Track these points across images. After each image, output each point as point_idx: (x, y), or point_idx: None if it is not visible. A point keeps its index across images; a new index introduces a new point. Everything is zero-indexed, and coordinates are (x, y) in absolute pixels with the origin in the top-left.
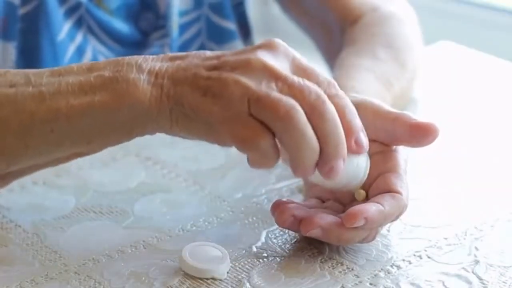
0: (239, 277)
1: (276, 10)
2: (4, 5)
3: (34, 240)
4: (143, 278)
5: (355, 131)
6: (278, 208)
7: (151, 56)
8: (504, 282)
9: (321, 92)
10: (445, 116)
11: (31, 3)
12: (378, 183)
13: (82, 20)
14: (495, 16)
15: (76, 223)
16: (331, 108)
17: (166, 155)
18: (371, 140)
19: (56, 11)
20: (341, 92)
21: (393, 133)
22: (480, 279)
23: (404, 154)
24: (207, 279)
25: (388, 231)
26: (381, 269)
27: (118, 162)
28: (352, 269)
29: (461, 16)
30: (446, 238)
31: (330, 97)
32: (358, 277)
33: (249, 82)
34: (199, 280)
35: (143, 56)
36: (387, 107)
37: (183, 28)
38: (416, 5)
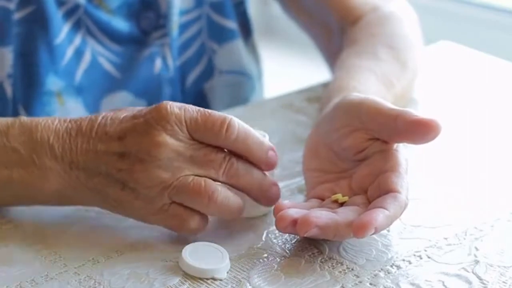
0: (239, 277)
1: (276, 10)
2: None
3: (34, 240)
4: (143, 278)
5: (263, 160)
6: (279, 213)
7: (59, 129)
8: (504, 282)
9: (226, 160)
10: (445, 116)
11: (28, 7)
12: (379, 182)
13: (81, 22)
14: (495, 16)
15: (76, 223)
16: (241, 165)
17: None
18: (372, 139)
19: (55, 14)
20: (242, 129)
21: (395, 130)
22: (480, 279)
23: (405, 153)
24: (207, 279)
25: (388, 231)
26: (381, 269)
27: None
28: (352, 269)
29: (461, 16)
30: (446, 238)
31: (229, 141)
32: (358, 277)
33: (161, 172)
34: (199, 280)
35: (53, 128)
36: (389, 104)
37: (184, 27)
38: (416, 5)
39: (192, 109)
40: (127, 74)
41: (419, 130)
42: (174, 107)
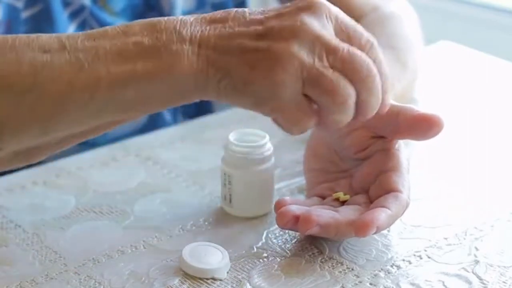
0: (239, 277)
1: None
2: (7, 9)
3: (34, 240)
4: (143, 278)
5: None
6: (279, 209)
7: (187, 18)
8: (504, 282)
9: (371, 66)
10: (445, 116)
11: (35, 6)
12: (380, 182)
13: (86, 23)
14: (495, 16)
15: (76, 223)
16: (377, 81)
17: (166, 155)
18: (373, 138)
19: (60, 14)
20: (380, 56)
21: (397, 127)
22: (480, 279)
23: (406, 153)
24: (207, 279)
25: (388, 231)
26: (381, 269)
27: (118, 162)
28: (352, 269)
29: (461, 16)
30: (446, 238)
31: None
32: (358, 277)
33: (302, 54)
34: (199, 280)
35: (179, 18)
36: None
37: None
38: (416, 5)
39: (344, 14)
40: None
41: (422, 126)
42: (328, 3)
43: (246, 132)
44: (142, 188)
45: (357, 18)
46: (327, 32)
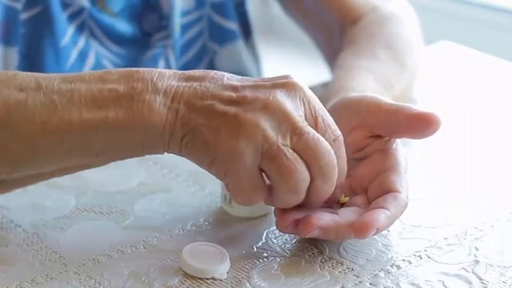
0: (239, 277)
1: (276, 10)
2: (5, 10)
3: (34, 240)
4: (143, 278)
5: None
6: (279, 213)
7: (165, 72)
8: (504, 282)
9: (332, 156)
10: (445, 116)
11: (34, 8)
12: (378, 182)
13: (85, 25)
14: (495, 16)
15: (76, 223)
16: (334, 172)
17: (166, 155)
18: (371, 137)
19: (60, 16)
20: (343, 151)
21: (395, 125)
22: (480, 279)
23: (404, 153)
24: (207, 279)
25: (388, 231)
26: (381, 269)
27: (118, 162)
28: (352, 269)
29: (461, 16)
30: (446, 238)
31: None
32: (358, 277)
33: (267, 128)
34: (199, 280)
35: (157, 71)
36: (389, 100)
37: (185, 28)
38: (416, 5)
39: (318, 101)
40: None
41: (420, 124)
42: (306, 86)
43: None
44: (142, 188)
45: (356, 18)
46: (297, 113)
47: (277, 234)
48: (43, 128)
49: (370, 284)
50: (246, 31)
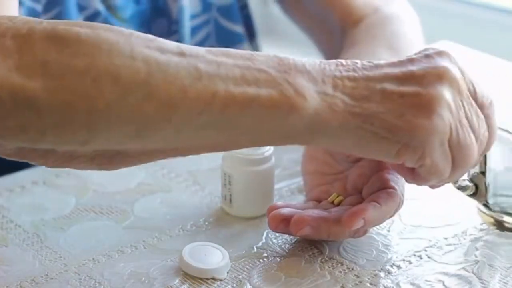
0: (239, 277)
1: (276, 10)
2: (28, 12)
3: (34, 240)
4: (143, 278)
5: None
6: (270, 213)
7: (315, 61)
8: (504, 282)
9: (497, 132)
10: None
11: (53, 10)
12: (373, 181)
13: None
14: (495, 16)
15: (76, 223)
16: (490, 145)
17: None
18: None
19: (76, 19)
20: (495, 117)
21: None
22: (480, 279)
23: None
24: (207, 279)
25: (388, 231)
26: (381, 269)
27: None
28: (352, 269)
29: (461, 16)
30: (446, 238)
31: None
32: (358, 277)
33: (450, 100)
34: (199, 280)
35: (305, 59)
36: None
37: (193, 31)
38: (416, 5)
39: (468, 71)
40: None
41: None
42: (454, 56)
43: None
44: (142, 188)
45: (358, 19)
46: (463, 80)
47: (277, 234)
48: (183, 93)
49: (370, 284)
50: (251, 33)
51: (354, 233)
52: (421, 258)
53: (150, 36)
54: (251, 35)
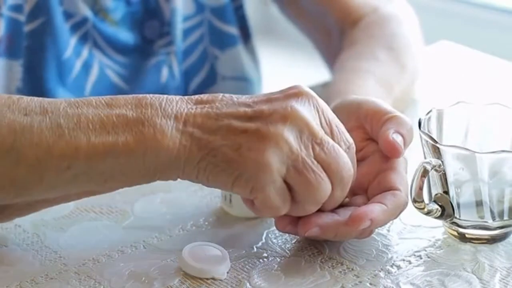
0: (239, 277)
1: (275, 10)
2: (9, 22)
3: (34, 240)
4: (143, 278)
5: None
6: None
7: (173, 98)
8: (504, 282)
9: (351, 167)
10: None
11: (37, 20)
12: (378, 181)
13: (88, 35)
14: (495, 16)
15: (76, 223)
16: (351, 181)
17: None
18: (368, 139)
19: (62, 27)
20: (355, 159)
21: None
22: (480, 279)
23: (404, 153)
24: (207, 279)
25: (388, 231)
26: (381, 269)
27: None
28: (352, 269)
29: (461, 16)
30: (446, 238)
31: None
32: (358, 277)
33: (291, 140)
34: (199, 280)
35: (165, 96)
36: (389, 107)
37: (186, 33)
38: (416, 5)
39: (329, 109)
40: (134, 85)
41: (386, 151)
42: (316, 95)
43: None
44: (142, 188)
45: (356, 19)
46: (315, 122)
47: (277, 234)
48: (49, 153)
49: (370, 284)
50: (245, 34)
51: (360, 234)
52: (421, 258)
53: (14, 98)
54: (245, 36)
